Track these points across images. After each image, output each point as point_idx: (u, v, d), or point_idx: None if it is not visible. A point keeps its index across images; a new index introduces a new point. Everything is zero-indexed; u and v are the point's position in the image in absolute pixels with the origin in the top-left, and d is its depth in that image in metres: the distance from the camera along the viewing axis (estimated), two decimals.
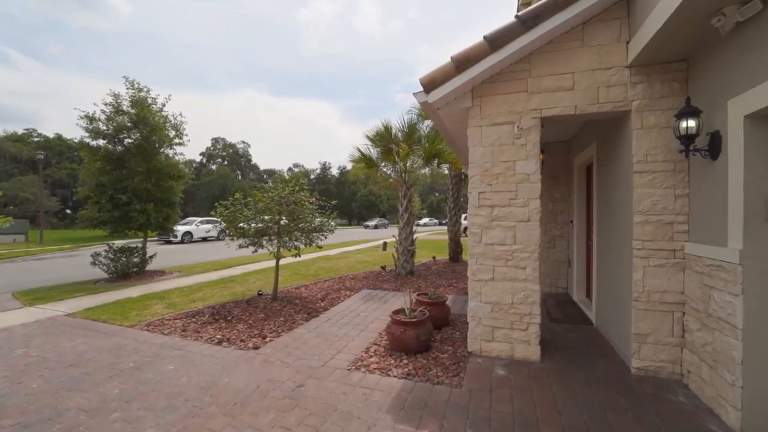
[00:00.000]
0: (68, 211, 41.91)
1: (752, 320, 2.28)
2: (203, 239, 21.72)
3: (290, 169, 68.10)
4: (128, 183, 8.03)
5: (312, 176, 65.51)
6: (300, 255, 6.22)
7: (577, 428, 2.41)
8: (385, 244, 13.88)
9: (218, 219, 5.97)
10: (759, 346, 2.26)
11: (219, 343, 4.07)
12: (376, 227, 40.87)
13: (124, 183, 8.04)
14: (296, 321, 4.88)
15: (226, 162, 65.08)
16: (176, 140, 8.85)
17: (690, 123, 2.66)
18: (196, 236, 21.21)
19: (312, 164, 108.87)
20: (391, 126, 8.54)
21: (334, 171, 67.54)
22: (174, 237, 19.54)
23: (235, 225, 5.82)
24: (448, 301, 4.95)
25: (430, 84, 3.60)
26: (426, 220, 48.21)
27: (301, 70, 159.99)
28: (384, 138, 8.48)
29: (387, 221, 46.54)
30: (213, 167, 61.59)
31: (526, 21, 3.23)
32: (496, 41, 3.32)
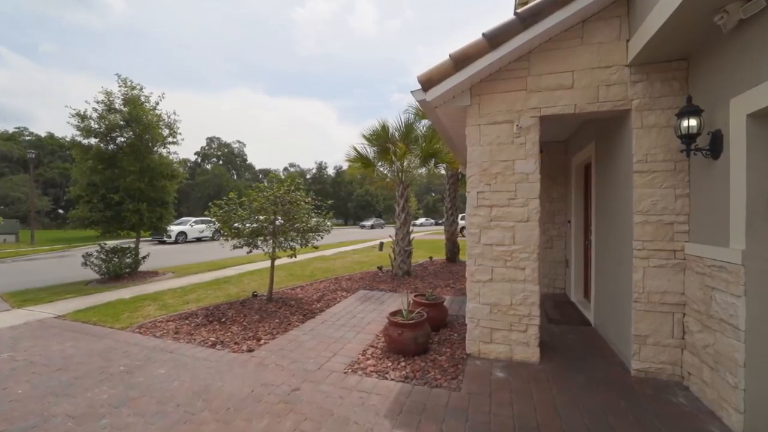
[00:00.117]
0: (60, 211, 41.32)
1: (755, 322, 2.25)
2: (198, 239, 21.52)
3: (286, 169, 67.83)
4: (120, 182, 7.88)
5: (308, 176, 65.31)
6: (296, 255, 6.14)
7: None
8: (382, 245, 13.79)
9: (213, 219, 5.88)
10: (762, 348, 2.22)
11: (212, 346, 3.98)
12: (373, 227, 40.81)
13: (117, 182, 7.89)
14: (291, 323, 4.80)
15: (222, 161, 64.69)
16: (170, 139, 8.72)
17: (691, 122, 2.63)
18: (191, 236, 21.02)
19: (308, 164, 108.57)
20: (388, 125, 8.46)
21: (330, 171, 67.51)
22: (168, 237, 19.32)
23: (230, 225, 5.72)
24: (446, 302, 4.90)
25: (428, 82, 3.54)
26: (422, 220, 48.22)
27: (298, 70, 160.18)
28: (381, 137, 8.41)
29: (383, 221, 46.47)
30: (208, 167, 61.19)
31: (526, 18, 3.19)
32: (496, 39, 3.28)
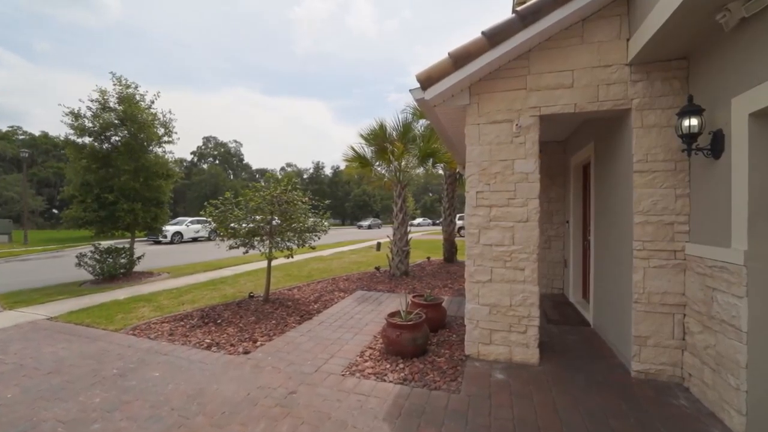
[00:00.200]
0: (54, 211, 40.82)
1: (757, 323, 2.23)
2: (194, 239, 21.37)
3: (283, 169, 67.58)
4: (115, 182, 7.77)
5: (305, 176, 65.10)
6: (292, 256, 6.07)
7: None
8: (379, 245, 13.76)
9: (209, 219, 5.80)
10: (764, 349, 2.20)
11: (208, 348, 3.92)
12: (370, 227, 40.76)
13: (111, 182, 7.78)
14: (288, 324, 4.74)
15: (218, 161, 64.33)
16: (165, 138, 8.62)
17: (692, 121, 2.61)
18: (187, 236, 20.87)
19: (305, 164, 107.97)
20: (386, 125, 8.41)
21: (328, 171, 67.33)
22: (163, 237, 19.18)
23: (226, 225, 5.66)
24: (444, 303, 4.86)
25: (428, 80, 3.50)
26: (420, 220, 48.17)
27: (295, 69, 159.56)
28: (378, 137, 8.36)
29: (381, 221, 46.45)
30: (204, 166, 60.84)
31: (526, 17, 3.16)
32: (495, 37, 3.24)
